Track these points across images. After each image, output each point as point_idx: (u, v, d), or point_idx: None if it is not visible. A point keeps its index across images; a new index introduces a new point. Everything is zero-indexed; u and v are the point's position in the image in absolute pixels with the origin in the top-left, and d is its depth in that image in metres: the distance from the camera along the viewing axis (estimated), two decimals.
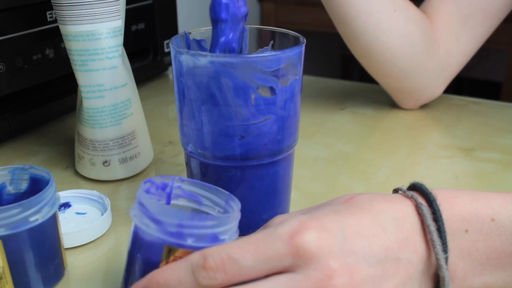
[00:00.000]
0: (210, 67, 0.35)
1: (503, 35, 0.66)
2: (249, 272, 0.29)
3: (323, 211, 0.31)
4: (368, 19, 0.59)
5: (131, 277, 0.33)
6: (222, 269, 0.28)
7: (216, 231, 0.31)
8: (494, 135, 0.62)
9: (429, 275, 0.32)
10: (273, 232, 0.29)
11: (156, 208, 0.31)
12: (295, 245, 0.28)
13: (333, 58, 1.91)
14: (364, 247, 0.30)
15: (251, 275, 0.29)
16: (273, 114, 0.37)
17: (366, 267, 0.29)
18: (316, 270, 0.28)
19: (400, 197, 0.33)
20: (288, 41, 0.41)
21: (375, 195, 0.33)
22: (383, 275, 0.30)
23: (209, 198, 0.35)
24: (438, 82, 0.66)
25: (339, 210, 0.31)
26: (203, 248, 0.30)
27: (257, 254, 0.28)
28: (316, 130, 0.63)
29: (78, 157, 0.52)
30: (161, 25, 0.77)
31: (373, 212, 0.31)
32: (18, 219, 0.33)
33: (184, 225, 0.30)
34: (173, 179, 0.35)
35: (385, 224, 0.31)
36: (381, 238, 0.30)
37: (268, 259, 0.28)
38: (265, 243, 0.29)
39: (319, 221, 0.30)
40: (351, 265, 0.29)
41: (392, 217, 0.31)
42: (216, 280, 0.28)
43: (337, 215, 0.31)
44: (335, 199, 0.34)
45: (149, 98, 0.73)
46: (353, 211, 0.31)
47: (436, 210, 0.31)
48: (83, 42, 0.46)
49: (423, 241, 0.31)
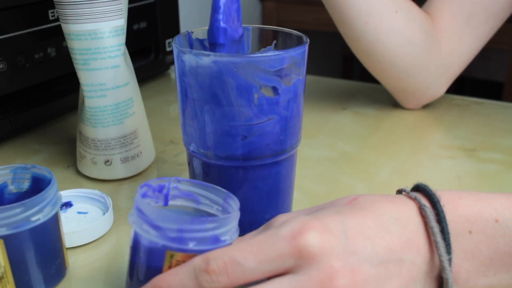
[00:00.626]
0: (213, 66, 0.35)
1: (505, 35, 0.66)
2: (252, 274, 0.28)
3: (325, 212, 0.31)
4: (368, 19, 0.59)
5: (134, 283, 0.33)
6: (225, 272, 0.28)
7: (217, 232, 0.30)
8: (496, 135, 0.62)
9: (432, 277, 0.32)
10: (275, 233, 0.29)
11: (154, 213, 0.30)
12: (297, 246, 0.28)
13: (334, 57, 1.90)
14: (366, 248, 0.30)
15: (254, 277, 0.29)
16: (276, 114, 0.37)
17: (368, 268, 0.29)
18: (318, 271, 0.28)
19: (404, 198, 0.33)
20: (291, 41, 0.41)
21: (379, 196, 0.33)
22: (385, 276, 0.30)
23: (207, 197, 0.35)
24: (440, 82, 0.66)
25: (341, 211, 0.31)
26: (205, 251, 0.29)
27: (259, 256, 0.28)
28: (318, 130, 0.63)
29: (79, 156, 0.52)
30: (163, 24, 0.77)
31: (376, 213, 0.31)
32: (19, 219, 0.33)
33: (185, 230, 0.30)
34: (169, 180, 0.35)
35: (388, 225, 0.31)
36: (384, 239, 0.30)
37: (270, 260, 0.28)
38: (267, 244, 0.29)
39: (321, 221, 0.29)
40: (353, 266, 0.29)
41: (395, 218, 0.31)
42: (219, 284, 0.28)
43: (340, 215, 0.31)
44: (338, 199, 0.34)
45: (151, 97, 0.73)
46: (356, 212, 0.31)
47: (440, 211, 0.31)
48: (85, 41, 0.46)
49: (427, 242, 0.31)
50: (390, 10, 0.59)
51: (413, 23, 0.61)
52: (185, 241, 0.30)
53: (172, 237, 0.30)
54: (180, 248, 0.30)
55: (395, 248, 0.30)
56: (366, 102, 0.72)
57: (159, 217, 0.30)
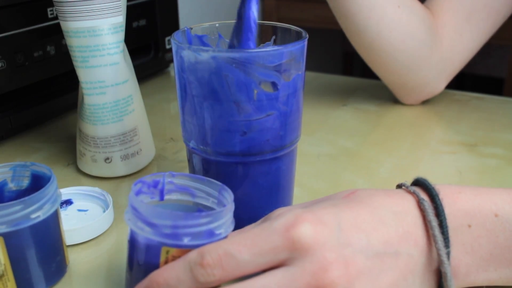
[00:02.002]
0: (212, 62, 0.35)
1: (505, 31, 0.66)
2: (246, 267, 0.29)
3: (321, 205, 0.31)
4: (371, 13, 0.59)
5: (133, 279, 0.33)
6: (219, 265, 0.28)
7: (211, 227, 0.31)
8: (497, 130, 0.61)
9: (431, 270, 0.32)
10: (269, 226, 0.29)
11: (148, 210, 0.30)
12: (291, 238, 0.28)
13: (334, 54, 1.90)
14: (361, 240, 0.30)
15: (248, 270, 0.29)
16: (276, 109, 0.37)
17: (363, 260, 0.29)
18: (311, 263, 0.28)
19: (402, 192, 0.33)
20: (290, 36, 0.41)
21: (377, 191, 0.33)
22: (381, 268, 0.30)
23: (202, 190, 0.35)
24: (440, 78, 0.66)
25: (337, 204, 0.31)
26: (200, 246, 0.30)
27: (253, 249, 0.28)
28: (319, 126, 0.63)
29: (79, 154, 0.52)
30: (163, 21, 0.77)
31: (373, 207, 0.31)
32: (19, 216, 0.33)
33: (179, 226, 0.30)
34: (163, 175, 0.35)
35: (385, 218, 0.31)
36: (380, 232, 0.30)
37: (264, 253, 0.28)
38: (261, 237, 0.29)
39: (315, 214, 0.30)
40: (347, 257, 0.29)
41: (392, 212, 0.31)
42: (214, 277, 0.28)
43: (335, 208, 0.31)
44: (336, 194, 0.34)
45: (150, 95, 0.73)
46: (352, 205, 0.31)
47: (439, 205, 0.31)
48: (84, 38, 0.45)
49: (425, 235, 0.31)
50: (392, 5, 0.59)
51: (415, 18, 0.61)
52: (180, 236, 0.30)
53: (166, 233, 0.30)
54: (175, 244, 0.30)
55: (392, 241, 0.30)
56: (366, 98, 0.72)
57: (153, 214, 0.30)
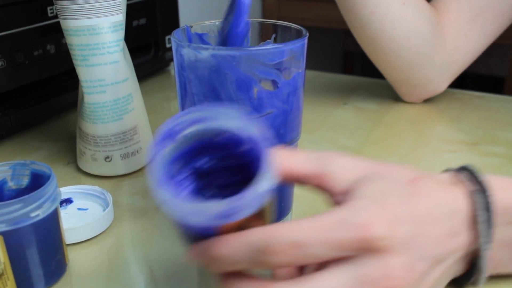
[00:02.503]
0: (212, 60, 0.35)
1: (507, 30, 0.66)
2: (313, 259, 0.28)
3: (391, 199, 0.30)
4: (375, 9, 0.59)
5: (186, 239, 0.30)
6: (285, 254, 0.27)
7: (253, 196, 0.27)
8: (498, 128, 0.61)
9: (464, 257, 0.32)
10: (345, 220, 0.28)
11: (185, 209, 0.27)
12: (365, 238, 0.28)
13: (335, 53, 1.90)
14: (425, 244, 0.30)
15: (313, 261, 0.28)
16: (276, 107, 0.37)
17: (424, 266, 0.30)
18: (380, 266, 0.28)
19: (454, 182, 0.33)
20: (290, 34, 0.41)
21: (436, 183, 0.32)
22: (434, 266, 0.31)
23: None
24: (443, 77, 0.66)
25: (406, 198, 0.31)
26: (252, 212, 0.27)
27: (327, 243, 0.28)
28: (319, 125, 0.63)
29: (79, 153, 0.52)
30: (163, 20, 0.77)
31: (431, 205, 0.31)
32: (19, 215, 0.33)
33: (224, 213, 0.27)
34: None
35: (440, 218, 0.31)
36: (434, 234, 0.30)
37: (336, 248, 0.28)
38: (335, 232, 0.28)
39: (389, 213, 0.29)
40: (412, 261, 0.29)
41: (447, 211, 0.31)
42: (277, 263, 0.28)
43: (407, 205, 0.30)
44: (400, 170, 0.33)
45: (150, 94, 0.73)
46: (416, 202, 0.31)
47: (488, 201, 0.31)
48: (84, 36, 0.45)
49: (470, 229, 0.31)
50: (397, 1, 0.59)
51: (420, 16, 0.61)
52: (229, 218, 0.27)
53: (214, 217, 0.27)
54: (226, 222, 0.27)
55: (444, 244, 0.31)
56: (367, 96, 0.71)
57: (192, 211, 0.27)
